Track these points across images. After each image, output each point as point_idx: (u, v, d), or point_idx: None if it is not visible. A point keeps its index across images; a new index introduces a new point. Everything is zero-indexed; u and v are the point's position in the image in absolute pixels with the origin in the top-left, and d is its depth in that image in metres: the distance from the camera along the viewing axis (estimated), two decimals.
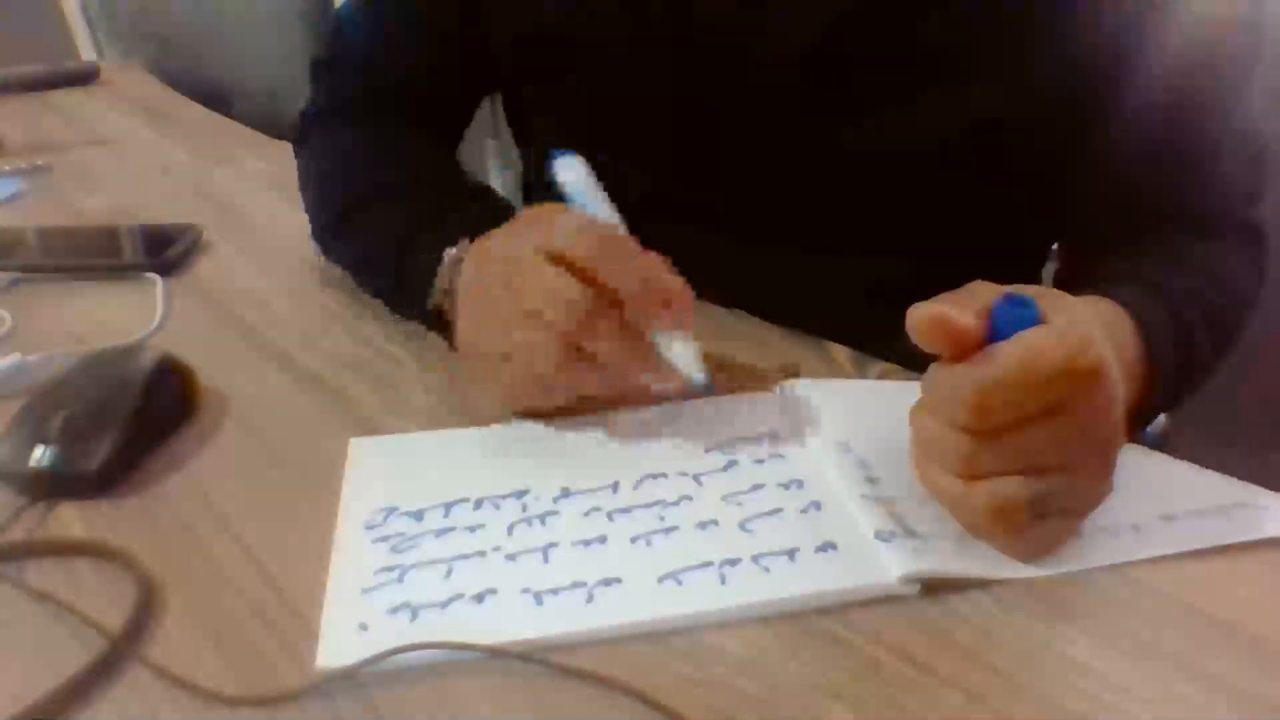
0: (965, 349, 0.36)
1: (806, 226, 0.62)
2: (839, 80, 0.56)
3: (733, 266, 0.62)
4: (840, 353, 0.55)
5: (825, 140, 0.58)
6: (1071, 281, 0.59)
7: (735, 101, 0.59)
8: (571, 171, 0.47)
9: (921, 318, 0.37)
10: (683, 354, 0.45)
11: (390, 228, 0.59)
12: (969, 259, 0.52)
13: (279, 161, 0.93)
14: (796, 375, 0.52)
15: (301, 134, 0.72)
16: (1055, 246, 0.70)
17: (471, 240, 0.51)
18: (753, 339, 0.57)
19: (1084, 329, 0.36)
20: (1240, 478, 0.43)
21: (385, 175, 0.64)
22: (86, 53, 1.65)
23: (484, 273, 0.48)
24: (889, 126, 0.57)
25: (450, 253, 0.51)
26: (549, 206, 0.48)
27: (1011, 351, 0.35)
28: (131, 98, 1.23)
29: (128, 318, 0.62)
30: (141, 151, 1.01)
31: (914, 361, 0.41)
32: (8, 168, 0.94)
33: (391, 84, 0.70)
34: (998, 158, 0.57)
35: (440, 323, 0.53)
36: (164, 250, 0.69)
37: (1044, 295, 0.38)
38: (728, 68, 0.58)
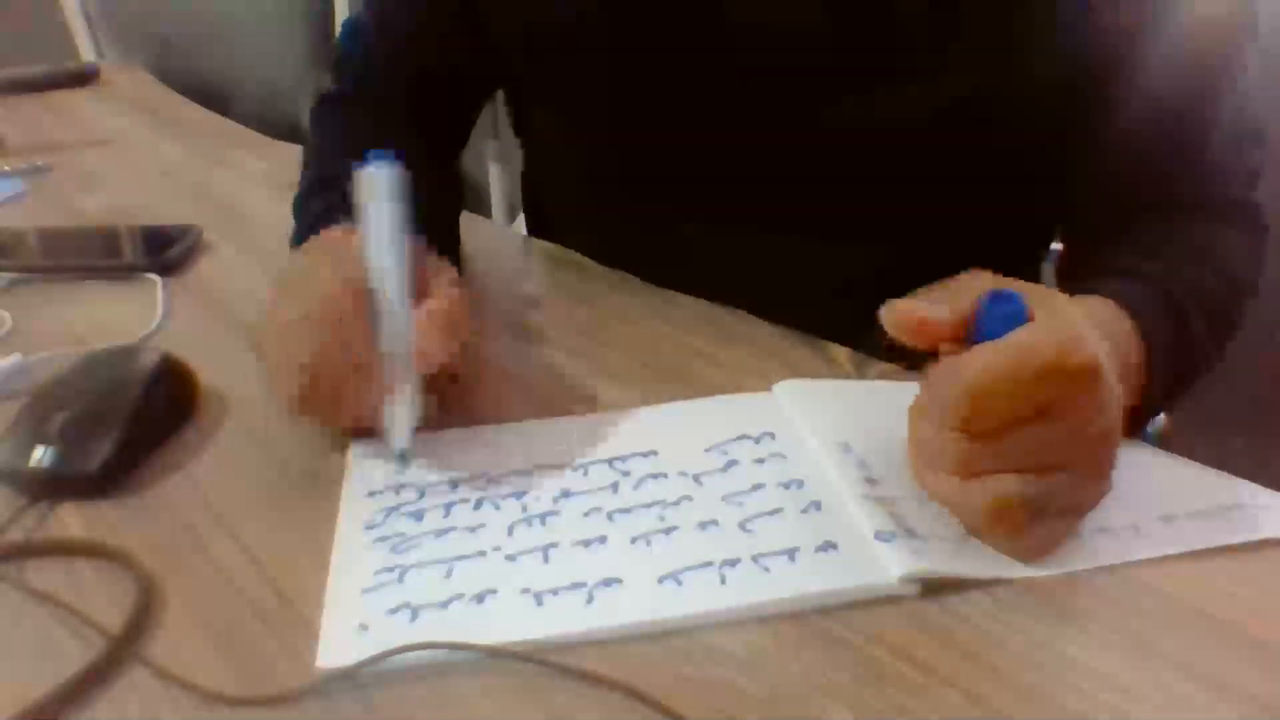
0: (942, 342, 0.37)
1: (801, 214, 0.62)
2: (823, 59, 0.56)
3: (728, 255, 0.62)
4: (840, 353, 0.55)
5: (815, 121, 0.58)
6: (1071, 275, 0.59)
7: (723, 84, 0.59)
8: (374, 181, 0.44)
9: (897, 314, 0.38)
10: (394, 420, 0.43)
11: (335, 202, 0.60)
12: (966, 248, 0.52)
13: (279, 161, 0.93)
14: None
15: (309, 118, 0.74)
16: (1056, 246, 0.70)
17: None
18: (752, 339, 0.57)
19: (1076, 326, 0.36)
20: (1240, 477, 0.43)
21: (334, 168, 0.64)
22: (86, 53, 1.65)
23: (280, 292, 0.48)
24: (874, 105, 0.57)
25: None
26: (337, 248, 0.47)
27: (1003, 351, 0.35)
28: (131, 98, 1.23)
29: (128, 318, 0.62)
30: (141, 151, 1.01)
31: (914, 358, 0.41)
32: (8, 168, 0.94)
33: (391, 79, 0.70)
34: (987, 139, 0.57)
35: None
36: (164, 250, 0.69)
37: (1034, 292, 0.38)
38: (712, 50, 0.58)
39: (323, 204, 0.60)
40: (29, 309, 0.63)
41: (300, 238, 0.67)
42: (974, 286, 0.38)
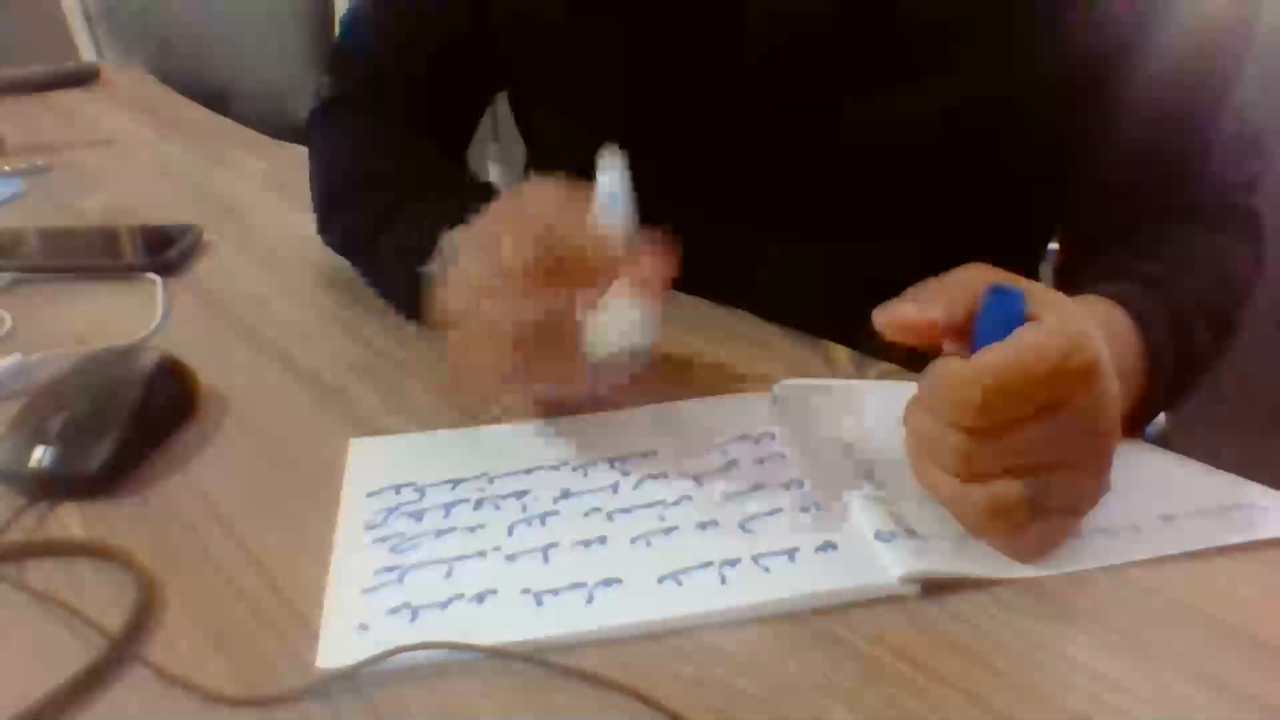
0: (939, 340, 0.37)
1: (802, 214, 0.62)
2: (831, 60, 0.56)
3: (733, 257, 0.62)
4: (840, 353, 0.55)
5: (819, 123, 0.58)
6: (1070, 276, 0.59)
7: (728, 85, 0.59)
8: (608, 174, 0.47)
9: (889, 316, 0.39)
10: (618, 321, 0.43)
11: (370, 209, 0.61)
12: (967, 248, 0.52)
13: (279, 161, 0.93)
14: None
15: (309, 123, 0.73)
16: (1054, 246, 0.70)
17: (451, 226, 0.49)
18: (752, 339, 0.57)
19: (1078, 326, 0.36)
20: (1240, 477, 0.43)
21: (374, 165, 0.65)
22: (86, 53, 1.66)
23: (463, 245, 0.47)
24: (880, 107, 0.57)
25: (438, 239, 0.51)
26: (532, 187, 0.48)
27: (1007, 350, 0.35)
28: (131, 98, 1.23)
29: (128, 318, 0.62)
30: (141, 151, 1.01)
31: (915, 359, 0.41)
32: (8, 168, 0.94)
33: (394, 80, 0.70)
34: (989, 145, 0.57)
35: (413, 303, 0.52)
36: (164, 250, 0.69)
37: (1035, 289, 0.38)
38: (720, 49, 0.58)
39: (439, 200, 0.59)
40: (29, 309, 0.63)
41: (321, 230, 0.67)
42: (971, 280, 0.38)
